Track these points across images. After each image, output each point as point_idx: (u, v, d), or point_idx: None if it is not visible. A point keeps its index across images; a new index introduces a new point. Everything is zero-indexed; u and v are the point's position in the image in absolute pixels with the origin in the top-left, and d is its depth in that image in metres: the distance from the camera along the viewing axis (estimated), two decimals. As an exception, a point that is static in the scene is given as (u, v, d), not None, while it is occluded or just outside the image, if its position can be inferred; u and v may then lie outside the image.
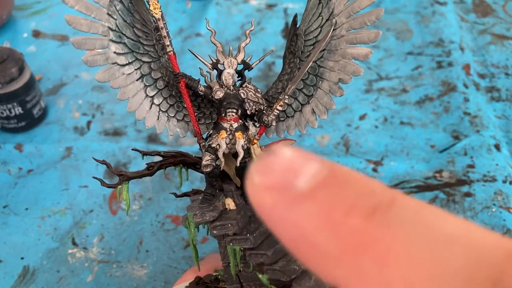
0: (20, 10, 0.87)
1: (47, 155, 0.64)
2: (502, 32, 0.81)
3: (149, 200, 0.59)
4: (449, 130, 0.65)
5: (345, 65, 0.36)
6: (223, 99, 0.35)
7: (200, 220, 0.35)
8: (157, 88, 0.36)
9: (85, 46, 0.32)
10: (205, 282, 0.39)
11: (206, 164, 0.34)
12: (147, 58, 0.34)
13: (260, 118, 0.36)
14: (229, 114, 0.35)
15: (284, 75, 0.38)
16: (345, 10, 0.35)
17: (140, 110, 0.35)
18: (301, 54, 0.37)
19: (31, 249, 0.54)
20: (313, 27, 0.36)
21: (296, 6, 0.86)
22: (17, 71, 0.62)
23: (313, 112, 0.38)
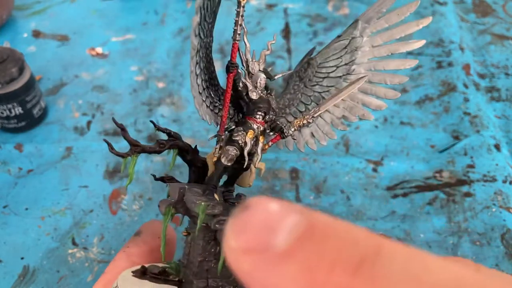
0: (20, 10, 0.87)
1: (47, 155, 0.64)
2: (502, 32, 0.81)
3: (149, 200, 0.59)
4: (449, 130, 0.65)
5: (352, 107, 0.38)
6: (258, 101, 0.36)
7: (211, 211, 0.35)
8: (199, 68, 0.35)
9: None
10: (153, 273, 0.36)
11: (232, 158, 0.35)
12: (202, 34, 0.34)
13: (276, 128, 0.37)
14: (258, 116, 0.36)
15: (287, 94, 0.40)
16: (367, 64, 0.37)
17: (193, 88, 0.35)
18: (308, 81, 0.39)
19: (31, 249, 0.54)
20: (329, 64, 0.38)
21: (296, 6, 0.86)
22: (17, 71, 0.62)
23: (312, 135, 0.40)
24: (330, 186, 0.60)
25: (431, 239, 0.54)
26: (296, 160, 0.62)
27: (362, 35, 0.37)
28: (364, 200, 0.58)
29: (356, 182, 0.60)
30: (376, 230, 0.55)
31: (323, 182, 0.60)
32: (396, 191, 0.59)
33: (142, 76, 0.75)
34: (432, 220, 0.56)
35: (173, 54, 0.78)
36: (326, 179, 0.60)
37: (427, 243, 0.54)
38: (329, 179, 0.60)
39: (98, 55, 0.79)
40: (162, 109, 0.70)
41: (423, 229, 0.55)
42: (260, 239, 0.14)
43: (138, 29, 0.83)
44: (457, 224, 0.55)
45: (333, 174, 0.61)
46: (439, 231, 0.55)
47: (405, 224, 0.56)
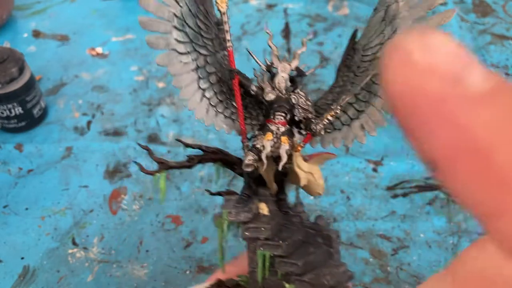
0: (20, 10, 0.87)
1: (47, 155, 0.64)
2: (502, 32, 0.81)
3: (149, 200, 0.59)
4: (449, 130, 0.65)
5: None
6: (274, 101, 0.35)
7: (234, 219, 0.34)
8: (209, 82, 0.36)
9: (151, 27, 0.33)
10: (227, 285, 0.38)
11: (248, 163, 0.34)
12: (204, 51, 0.35)
13: (308, 126, 0.36)
14: (278, 117, 0.35)
15: (335, 88, 0.38)
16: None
17: (191, 101, 0.35)
18: (357, 68, 0.37)
19: (31, 249, 0.54)
20: (373, 44, 0.36)
21: (296, 6, 0.86)
22: (17, 71, 0.62)
23: (362, 127, 0.37)
24: (330, 186, 0.60)
25: (431, 239, 0.54)
26: (296, 160, 0.62)
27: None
28: (364, 200, 0.58)
29: (356, 182, 0.60)
30: (376, 230, 0.55)
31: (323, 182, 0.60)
32: (396, 191, 0.59)
33: (142, 76, 0.75)
34: (432, 220, 0.56)
35: (173, 54, 0.78)
36: (326, 179, 0.60)
37: (427, 243, 0.54)
38: (329, 179, 0.60)
39: (98, 55, 0.79)
40: (162, 109, 0.70)
41: (423, 229, 0.55)
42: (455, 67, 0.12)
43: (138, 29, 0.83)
44: (457, 224, 0.55)
45: (333, 174, 0.61)
46: (439, 231, 0.55)
47: (405, 224, 0.56)
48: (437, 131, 0.12)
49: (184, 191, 0.60)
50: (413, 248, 0.53)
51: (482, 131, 0.12)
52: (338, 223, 0.56)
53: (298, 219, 0.37)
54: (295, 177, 0.37)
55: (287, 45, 0.79)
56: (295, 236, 0.35)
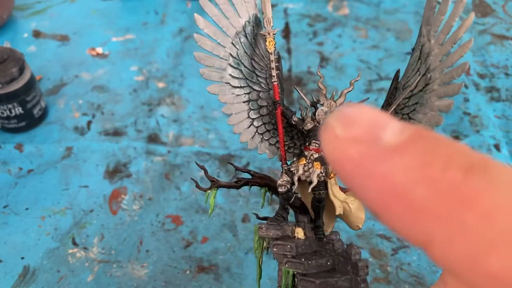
0: (21, 10, 0.87)
1: (47, 155, 0.64)
2: (502, 32, 0.81)
3: (149, 200, 0.59)
4: (449, 130, 0.65)
5: (431, 117, 0.38)
6: (311, 130, 0.38)
7: (264, 234, 0.37)
8: (259, 114, 0.39)
9: (206, 62, 0.36)
10: None
11: (281, 184, 0.37)
12: (257, 87, 0.38)
13: None
14: (313, 144, 0.37)
15: None
16: (439, 66, 0.37)
17: (238, 126, 0.39)
18: (397, 107, 0.39)
19: (31, 249, 0.54)
20: (410, 81, 0.38)
21: (296, 6, 0.86)
22: (18, 71, 0.62)
23: None
24: (330, 186, 0.60)
25: (431, 239, 0.54)
26: (296, 160, 0.62)
27: (429, 38, 0.37)
28: (364, 200, 0.58)
29: (356, 182, 0.60)
30: (376, 230, 0.55)
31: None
32: (396, 191, 0.59)
33: (142, 76, 0.75)
34: (432, 220, 0.56)
35: (173, 54, 0.78)
36: (326, 179, 0.60)
37: (427, 243, 0.54)
38: (329, 179, 0.60)
39: (98, 55, 0.79)
40: (162, 109, 0.70)
41: (423, 229, 0.55)
42: (370, 131, 0.15)
43: (138, 29, 0.83)
44: (457, 224, 0.55)
45: (333, 174, 0.61)
46: (439, 231, 0.55)
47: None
48: (366, 184, 0.15)
49: (184, 191, 0.60)
50: (413, 248, 0.53)
51: (400, 176, 0.14)
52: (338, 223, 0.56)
53: (331, 246, 0.39)
54: (331, 206, 0.39)
55: (287, 45, 0.79)
56: (323, 260, 0.37)
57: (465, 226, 0.14)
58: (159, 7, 0.87)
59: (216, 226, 0.56)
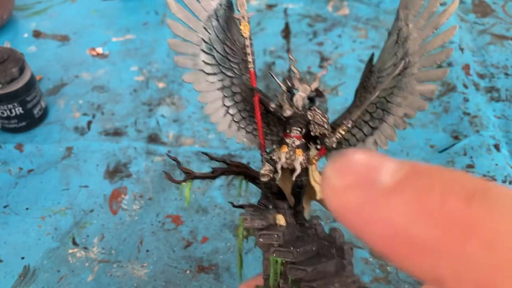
0: (21, 10, 0.87)
1: (47, 155, 0.64)
2: (502, 32, 0.81)
3: (150, 200, 0.59)
4: (448, 130, 0.66)
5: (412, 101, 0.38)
6: (290, 117, 0.37)
7: (249, 225, 0.36)
8: (233, 101, 0.39)
9: (180, 48, 0.35)
10: None
11: (264, 173, 0.37)
12: (230, 73, 0.37)
13: (322, 140, 0.38)
14: (294, 131, 0.37)
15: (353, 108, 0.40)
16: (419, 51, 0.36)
17: (215, 115, 0.38)
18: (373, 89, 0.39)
19: (31, 249, 0.54)
20: (387, 65, 0.38)
21: (296, 6, 0.86)
22: (18, 71, 0.62)
23: (375, 143, 0.40)
24: (330, 186, 0.60)
25: (431, 239, 0.54)
26: (296, 160, 0.62)
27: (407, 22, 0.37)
28: (364, 200, 0.58)
29: (356, 182, 0.60)
30: (376, 230, 0.55)
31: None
32: (396, 191, 0.59)
33: (142, 76, 0.75)
34: (431, 220, 0.56)
35: (173, 54, 0.78)
36: (326, 179, 0.60)
37: (427, 243, 0.54)
38: (329, 179, 0.60)
39: (98, 55, 0.79)
40: (162, 109, 0.70)
41: (423, 229, 0.55)
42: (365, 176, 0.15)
43: (138, 29, 0.83)
44: (457, 224, 0.55)
45: (333, 174, 0.61)
46: (438, 231, 0.55)
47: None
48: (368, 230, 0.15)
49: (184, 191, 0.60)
50: (413, 248, 0.53)
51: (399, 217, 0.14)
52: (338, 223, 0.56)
53: (313, 231, 0.38)
54: (311, 191, 0.39)
55: (287, 45, 0.79)
56: (308, 246, 0.37)
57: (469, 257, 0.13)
58: (159, 7, 0.87)
59: (216, 226, 0.57)
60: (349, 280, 0.35)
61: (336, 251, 0.37)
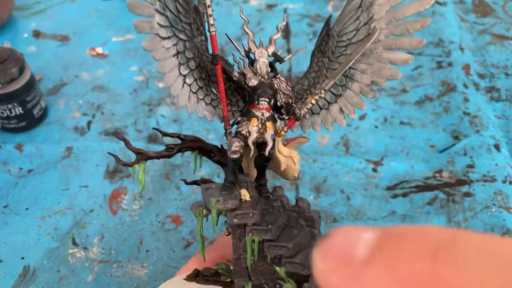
0: (21, 10, 0.87)
1: (47, 155, 0.64)
2: (502, 32, 0.81)
3: (149, 200, 0.59)
4: (449, 130, 0.65)
5: (379, 68, 0.36)
6: (257, 87, 0.36)
7: (223, 207, 0.35)
8: (189, 68, 0.36)
9: (137, 10, 0.33)
10: (205, 275, 0.38)
11: (235, 150, 0.34)
12: (183, 35, 0.35)
13: (290, 111, 0.36)
14: (262, 102, 0.35)
15: (311, 73, 0.39)
16: (386, 17, 0.35)
17: (174, 87, 0.36)
18: (331, 54, 0.37)
19: (31, 249, 0.54)
20: (348, 29, 0.37)
21: (296, 6, 0.86)
22: (18, 71, 0.62)
23: (341, 111, 0.38)
24: (330, 186, 0.60)
25: (431, 239, 0.54)
26: (296, 160, 0.62)
27: None
28: (364, 200, 0.58)
29: (356, 182, 0.60)
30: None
31: (323, 182, 0.60)
32: (396, 191, 0.59)
33: (142, 76, 0.75)
34: (432, 220, 0.56)
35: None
36: (326, 179, 0.61)
37: (427, 243, 0.54)
38: (329, 179, 0.60)
39: (98, 55, 0.79)
40: (162, 109, 0.70)
41: (423, 229, 0.55)
42: (344, 255, 0.16)
43: (138, 29, 0.83)
44: (457, 224, 0.55)
45: (333, 174, 0.61)
46: (439, 231, 0.55)
47: (405, 224, 0.56)
48: None
49: (184, 191, 0.60)
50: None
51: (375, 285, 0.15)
52: (338, 223, 0.56)
53: (279, 203, 0.37)
54: (276, 162, 0.37)
55: (287, 45, 0.79)
56: (279, 220, 0.35)
57: None
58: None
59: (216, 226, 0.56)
60: None
61: (306, 222, 0.36)
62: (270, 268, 0.36)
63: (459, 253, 0.14)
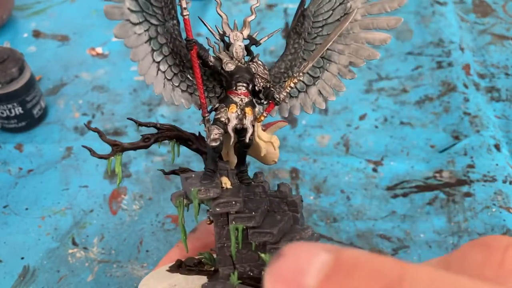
0: (20, 10, 0.87)
1: (47, 155, 0.64)
2: (502, 32, 0.81)
3: (149, 200, 0.59)
4: (449, 130, 0.65)
5: (357, 49, 0.36)
6: (234, 71, 0.35)
7: (204, 196, 0.34)
8: (162, 54, 0.35)
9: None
10: (188, 265, 0.37)
11: (215, 138, 0.34)
12: (154, 20, 0.34)
13: (269, 95, 0.36)
14: (240, 88, 0.35)
15: (287, 55, 0.38)
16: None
17: (148, 75, 0.35)
18: (307, 35, 0.37)
19: (31, 249, 0.54)
20: (323, 10, 0.36)
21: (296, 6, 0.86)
22: (17, 71, 0.62)
23: (319, 93, 0.38)
24: (330, 186, 0.60)
25: (431, 239, 0.54)
26: (296, 160, 0.62)
27: None
28: (364, 200, 0.58)
29: (356, 182, 0.60)
30: (376, 230, 0.55)
31: (323, 182, 0.60)
32: (396, 191, 0.59)
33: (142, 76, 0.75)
34: (432, 220, 0.56)
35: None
36: (326, 179, 0.60)
37: (427, 243, 0.54)
38: (329, 179, 0.60)
39: (98, 55, 0.79)
40: (162, 109, 0.70)
41: (423, 229, 0.55)
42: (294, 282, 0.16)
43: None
44: (457, 224, 0.55)
45: (333, 174, 0.61)
46: (439, 231, 0.55)
47: (405, 224, 0.56)
48: None
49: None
50: (413, 248, 0.53)
51: None
52: (338, 223, 0.56)
53: (261, 189, 0.37)
54: (256, 148, 0.37)
55: (287, 45, 0.79)
56: (262, 206, 0.35)
57: None
58: (159, 7, 0.87)
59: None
60: (308, 232, 0.35)
61: (289, 206, 0.36)
62: (255, 255, 0.35)
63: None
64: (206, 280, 0.36)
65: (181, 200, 0.36)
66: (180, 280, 0.36)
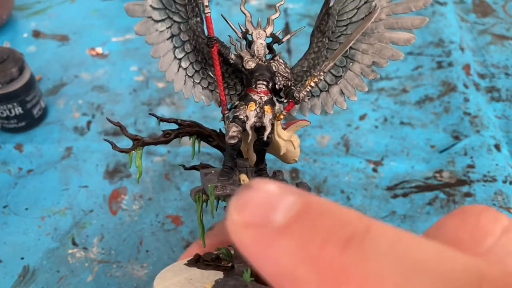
0: (20, 10, 0.87)
1: (47, 155, 0.64)
2: (502, 32, 0.81)
3: (149, 200, 0.59)
4: (449, 130, 0.65)
5: (381, 48, 0.35)
6: (255, 69, 0.35)
7: (221, 192, 0.34)
8: (184, 51, 0.35)
9: None
10: (205, 260, 0.37)
11: (233, 135, 0.34)
12: (177, 17, 0.34)
13: (289, 94, 0.35)
14: (260, 86, 0.34)
15: (310, 54, 0.38)
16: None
17: (169, 72, 0.35)
18: (331, 34, 0.36)
19: (31, 249, 0.54)
20: (348, 8, 0.36)
21: (296, 6, 0.86)
22: (17, 71, 0.62)
23: (341, 93, 0.38)
24: (330, 186, 0.60)
25: (431, 239, 0.54)
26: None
27: None
28: (364, 200, 0.58)
29: (356, 182, 0.60)
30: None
31: (323, 182, 0.60)
32: (396, 191, 0.59)
33: (142, 76, 0.75)
34: (432, 220, 0.56)
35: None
36: (326, 179, 0.60)
37: (427, 243, 0.54)
38: (329, 179, 0.60)
39: (98, 55, 0.79)
40: (162, 109, 0.70)
41: (423, 229, 0.55)
42: (261, 214, 0.16)
43: (138, 29, 0.83)
44: (457, 224, 0.55)
45: (333, 174, 0.61)
46: (439, 231, 0.55)
47: (405, 224, 0.56)
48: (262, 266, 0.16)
49: (184, 191, 0.60)
50: (413, 248, 0.53)
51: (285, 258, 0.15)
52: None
53: None
54: (275, 146, 0.37)
55: (288, 45, 0.79)
56: None
57: None
58: (159, 7, 0.87)
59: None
60: None
61: None
62: None
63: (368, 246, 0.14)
64: (222, 275, 0.36)
65: (199, 195, 0.36)
66: (196, 275, 0.36)
